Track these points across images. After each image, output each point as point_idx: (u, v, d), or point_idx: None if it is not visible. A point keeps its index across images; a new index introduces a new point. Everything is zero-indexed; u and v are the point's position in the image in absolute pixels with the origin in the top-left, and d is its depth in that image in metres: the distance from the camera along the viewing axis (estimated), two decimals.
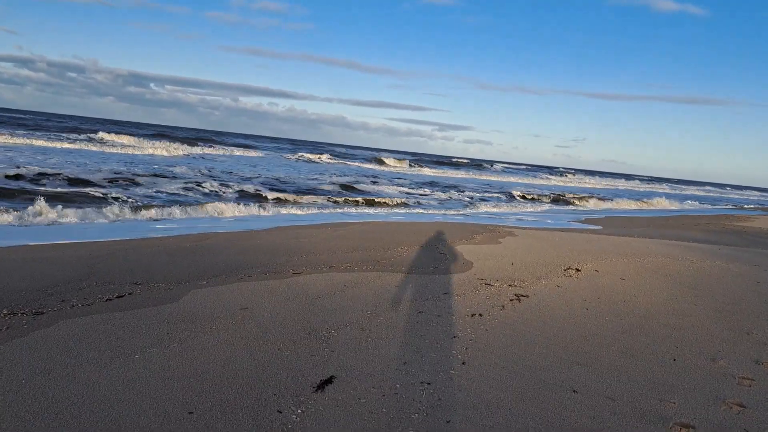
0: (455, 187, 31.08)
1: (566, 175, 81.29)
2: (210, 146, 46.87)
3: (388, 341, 4.40)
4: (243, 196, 17.37)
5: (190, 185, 17.50)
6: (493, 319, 5.17)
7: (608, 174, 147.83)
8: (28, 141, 29.94)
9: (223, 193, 17.42)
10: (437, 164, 67.35)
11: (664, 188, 75.65)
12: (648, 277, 7.49)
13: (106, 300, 5.22)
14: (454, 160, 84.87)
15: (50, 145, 29.95)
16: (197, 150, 41.04)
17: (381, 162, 54.16)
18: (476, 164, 79.35)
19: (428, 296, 5.85)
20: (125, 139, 37.74)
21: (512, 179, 54.83)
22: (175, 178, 19.37)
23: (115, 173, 18.75)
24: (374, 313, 5.15)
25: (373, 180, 29.73)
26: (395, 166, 51.05)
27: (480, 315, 5.25)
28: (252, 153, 46.99)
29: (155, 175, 19.53)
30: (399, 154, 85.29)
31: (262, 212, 14.63)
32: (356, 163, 49.78)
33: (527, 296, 6.07)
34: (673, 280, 7.46)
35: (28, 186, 14.45)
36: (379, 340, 4.40)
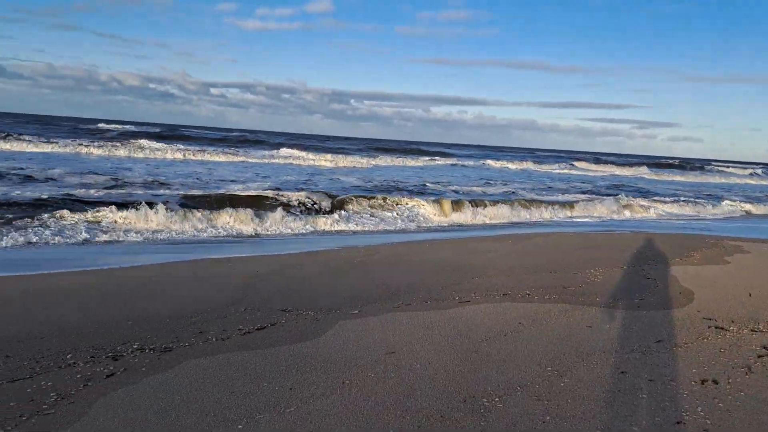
0: None
1: None
2: (432, 158, 47.18)
3: (573, 424, 3.10)
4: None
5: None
6: (736, 390, 3.57)
7: None
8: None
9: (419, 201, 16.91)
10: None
11: None
12: None
13: (244, 333, 4.62)
14: (663, 161, 76.50)
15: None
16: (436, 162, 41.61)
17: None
18: (694, 166, 70.35)
19: (634, 345, 4.36)
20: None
21: None
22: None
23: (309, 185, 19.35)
24: (556, 370, 3.86)
25: None
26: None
27: (714, 382, 3.68)
28: (466, 162, 46.02)
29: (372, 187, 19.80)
30: (595, 156, 79.38)
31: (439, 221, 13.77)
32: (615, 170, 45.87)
33: None
34: None
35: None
36: (561, 422, 3.12)
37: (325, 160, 35.57)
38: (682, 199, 23.03)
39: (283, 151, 40.62)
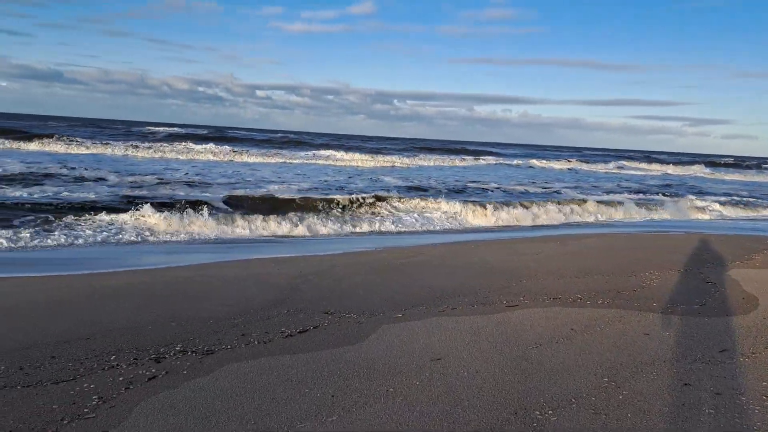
0: None
1: None
2: (475, 157, 46.74)
3: None
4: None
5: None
6: None
7: None
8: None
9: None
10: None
11: None
12: None
13: (286, 336, 4.53)
14: (717, 159, 73.54)
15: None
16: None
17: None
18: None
19: (696, 355, 4.09)
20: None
21: None
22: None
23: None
24: (613, 381, 3.63)
25: None
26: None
27: None
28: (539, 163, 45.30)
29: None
30: (646, 154, 77.08)
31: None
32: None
33: None
34: None
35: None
36: None
37: (367, 160, 35.57)
38: (736, 198, 22.08)
39: (325, 151, 40.84)
